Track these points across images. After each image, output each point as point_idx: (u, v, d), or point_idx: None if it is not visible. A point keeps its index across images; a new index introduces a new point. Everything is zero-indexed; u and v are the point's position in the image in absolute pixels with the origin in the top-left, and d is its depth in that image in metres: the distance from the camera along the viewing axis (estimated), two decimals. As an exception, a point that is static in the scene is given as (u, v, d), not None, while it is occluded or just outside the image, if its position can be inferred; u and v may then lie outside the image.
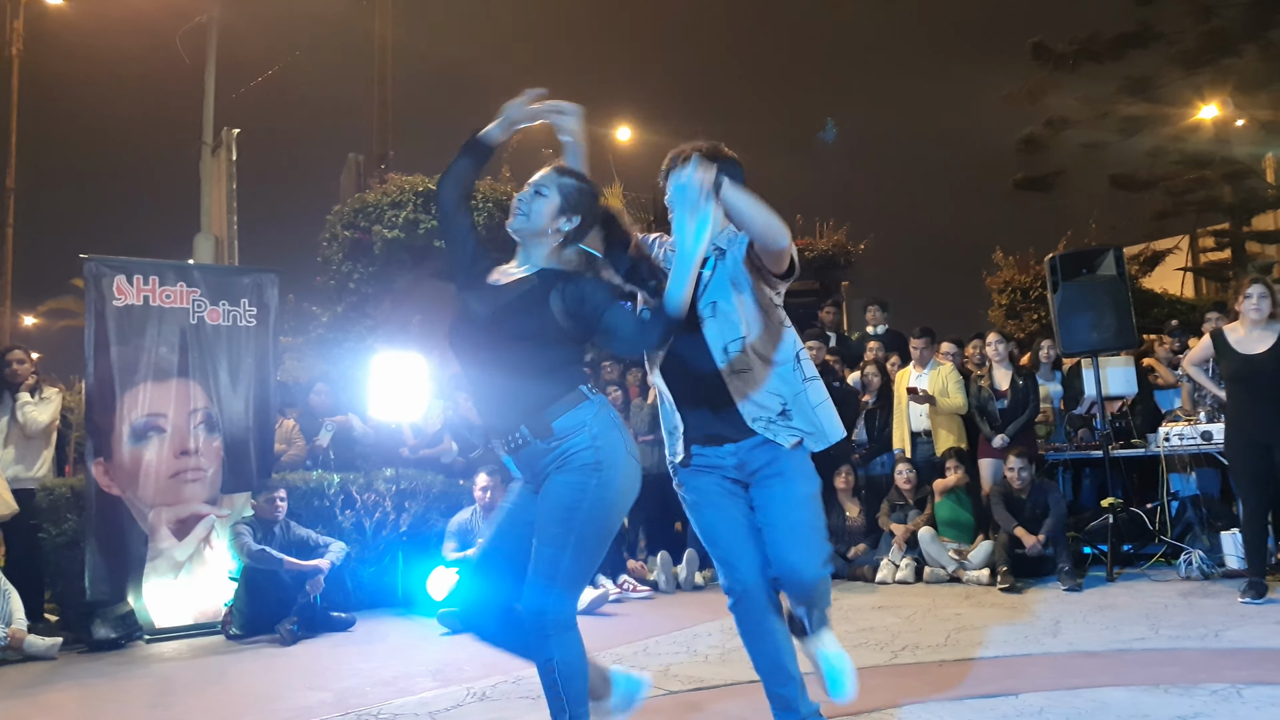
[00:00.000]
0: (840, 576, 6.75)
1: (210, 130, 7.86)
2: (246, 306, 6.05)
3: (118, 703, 3.94)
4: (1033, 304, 10.84)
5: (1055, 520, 6.18)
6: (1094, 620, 4.78)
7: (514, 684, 3.88)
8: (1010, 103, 17.78)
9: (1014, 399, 6.94)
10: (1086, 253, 6.94)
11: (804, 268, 9.32)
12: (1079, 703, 3.18)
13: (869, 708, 3.24)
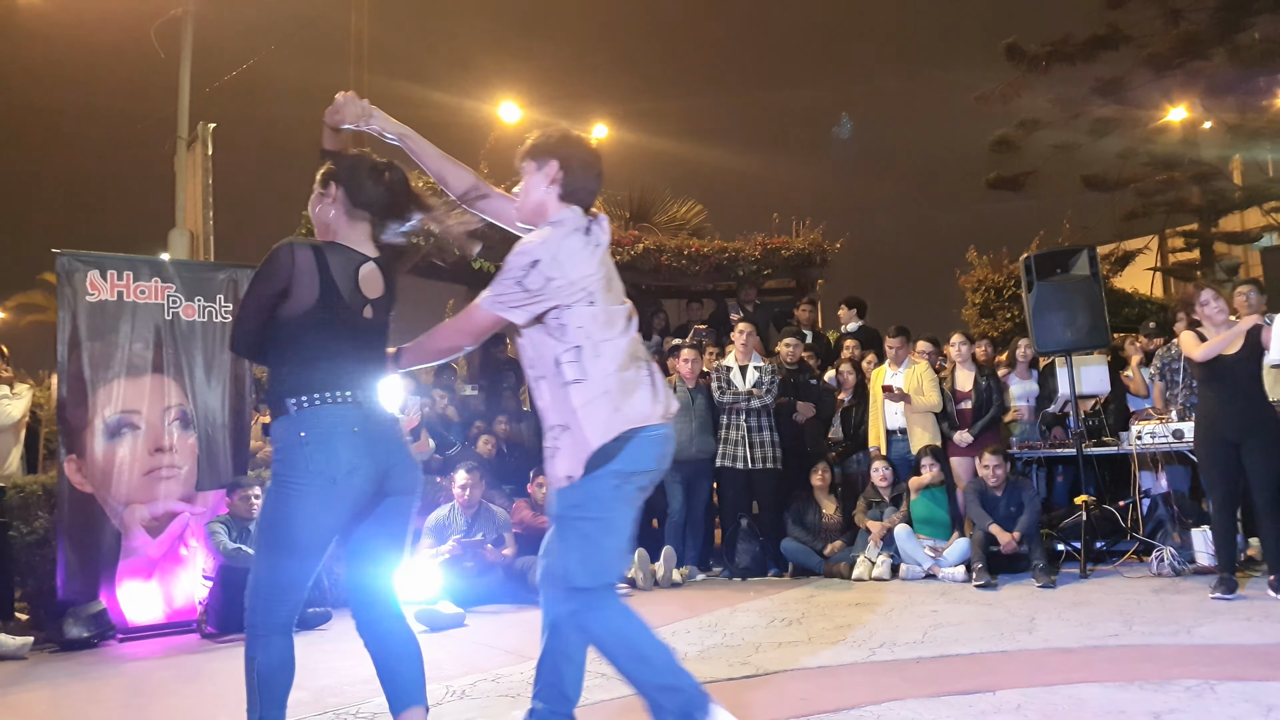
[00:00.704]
0: (817, 573, 6.81)
1: (185, 125, 7.75)
2: (222, 303, 5.98)
3: (90, 702, 3.90)
4: (1006, 303, 10.94)
5: (1030, 518, 6.26)
6: (1068, 616, 4.84)
7: (493, 682, 3.87)
8: (983, 104, 17.97)
9: (978, 399, 7.03)
10: (1061, 252, 7.03)
11: (780, 266, 9.32)
12: (1055, 699, 3.22)
13: (848, 705, 3.27)
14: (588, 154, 2.83)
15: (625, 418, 2.65)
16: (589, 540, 2.66)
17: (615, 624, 2.70)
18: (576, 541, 2.66)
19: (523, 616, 5.64)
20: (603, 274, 2.74)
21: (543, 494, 6.72)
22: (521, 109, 18.60)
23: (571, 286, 2.64)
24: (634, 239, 10.08)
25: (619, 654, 2.69)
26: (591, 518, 2.64)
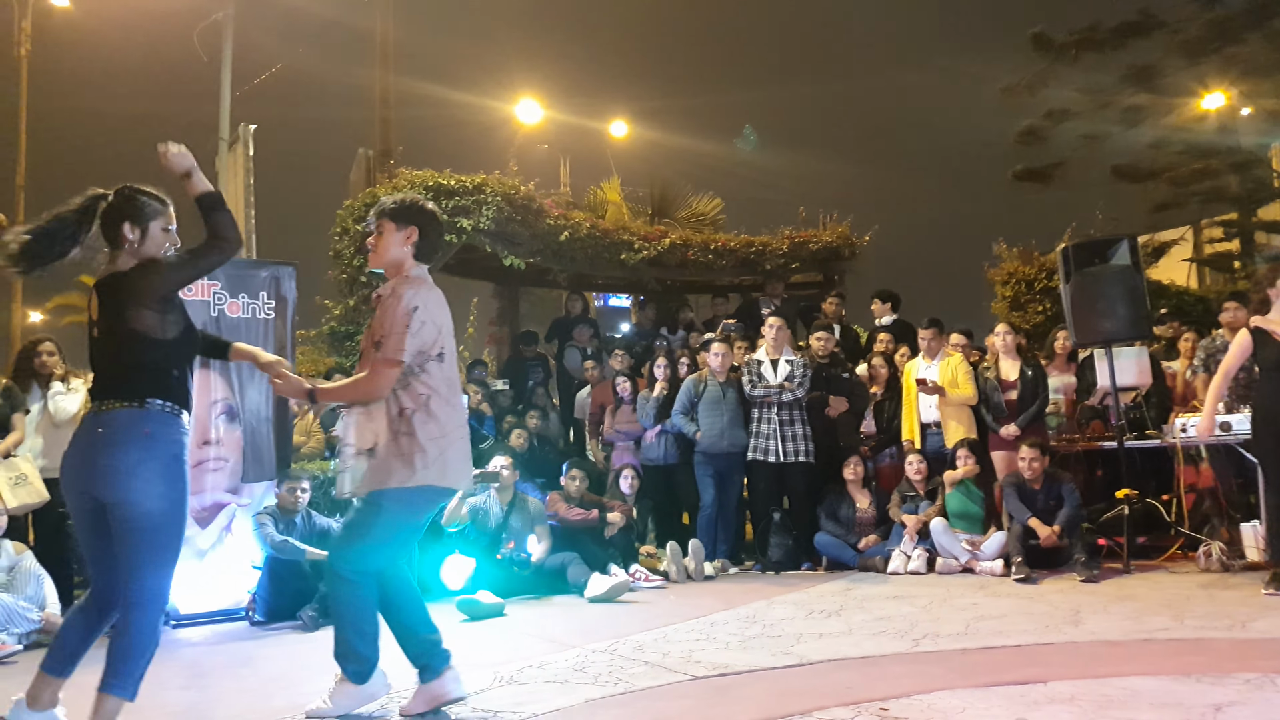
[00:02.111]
0: (850, 568, 6.81)
1: (227, 126, 7.85)
2: (265, 299, 6.08)
3: (152, 684, 3.95)
4: (1037, 295, 10.84)
5: (1070, 511, 6.22)
6: (1114, 610, 4.82)
7: (540, 669, 3.93)
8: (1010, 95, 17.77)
9: (1023, 390, 6.98)
10: (1100, 242, 6.96)
11: (807, 260, 9.33)
12: (1109, 691, 3.21)
13: (895, 694, 3.29)
14: (439, 224, 3.47)
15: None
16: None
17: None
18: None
19: (560, 607, 5.70)
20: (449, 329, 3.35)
21: (576, 487, 6.78)
22: (541, 107, 18.69)
23: (439, 335, 3.25)
24: (660, 234, 10.10)
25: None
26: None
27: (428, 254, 3.38)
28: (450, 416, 3.24)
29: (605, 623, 5.06)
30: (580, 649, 4.32)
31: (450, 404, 3.25)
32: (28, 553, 5.16)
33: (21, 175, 17.45)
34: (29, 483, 5.39)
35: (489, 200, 8.52)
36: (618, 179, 11.72)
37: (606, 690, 3.53)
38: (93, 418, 2.99)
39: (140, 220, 3.10)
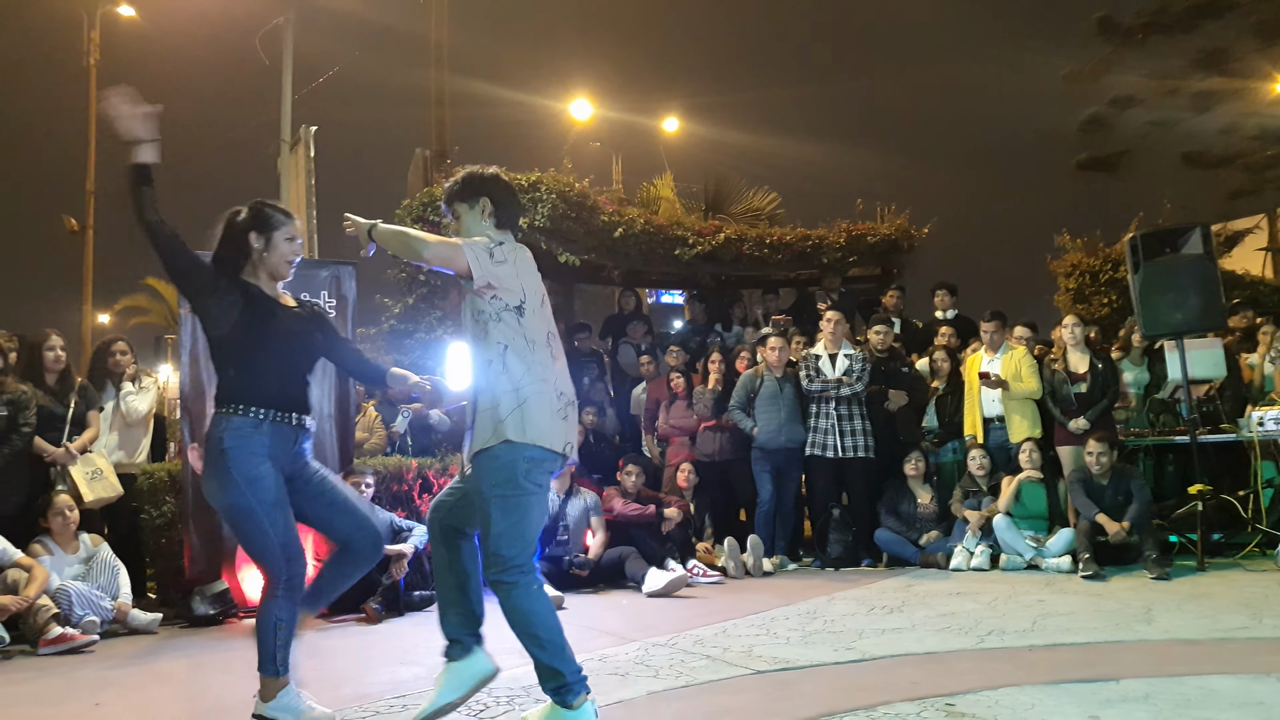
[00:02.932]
0: (911, 564, 6.72)
1: (288, 128, 8.02)
2: (326, 298, 6.19)
3: (223, 671, 4.11)
4: (1102, 287, 10.56)
5: (1140, 507, 6.06)
6: (1188, 609, 4.69)
7: (600, 661, 3.94)
8: (1073, 82, 17.34)
9: (1093, 383, 6.81)
10: (1170, 231, 6.76)
11: (865, 253, 9.23)
12: (1186, 690, 3.13)
13: (961, 689, 3.23)
14: (508, 186, 3.29)
15: None
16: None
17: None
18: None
19: (618, 601, 5.72)
20: None
21: (632, 482, 6.79)
22: (593, 105, 18.75)
23: (520, 285, 3.13)
24: (715, 229, 10.06)
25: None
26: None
27: (509, 220, 3.20)
28: (526, 373, 2.98)
29: (664, 617, 5.07)
30: (640, 643, 4.33)
31: (527, 362, 2.99)
32: (104, 544, 5.34)
33: (91, 181, 18.07)
34: (104, 477, 5.59)
35: (544, 198, 8.56)
36: (670, 175, 11.69)
37: (668, 683, 3.53)
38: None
39: (265, 230, 3.21)
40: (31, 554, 4.99)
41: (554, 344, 3.13)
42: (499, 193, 3.20)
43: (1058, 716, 2.88)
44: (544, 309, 3.15)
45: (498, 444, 2.94)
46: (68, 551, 5.18)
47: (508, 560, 2.92)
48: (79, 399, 5.71)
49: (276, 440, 3.07)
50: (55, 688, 3.89)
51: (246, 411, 3.05)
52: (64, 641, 4.55)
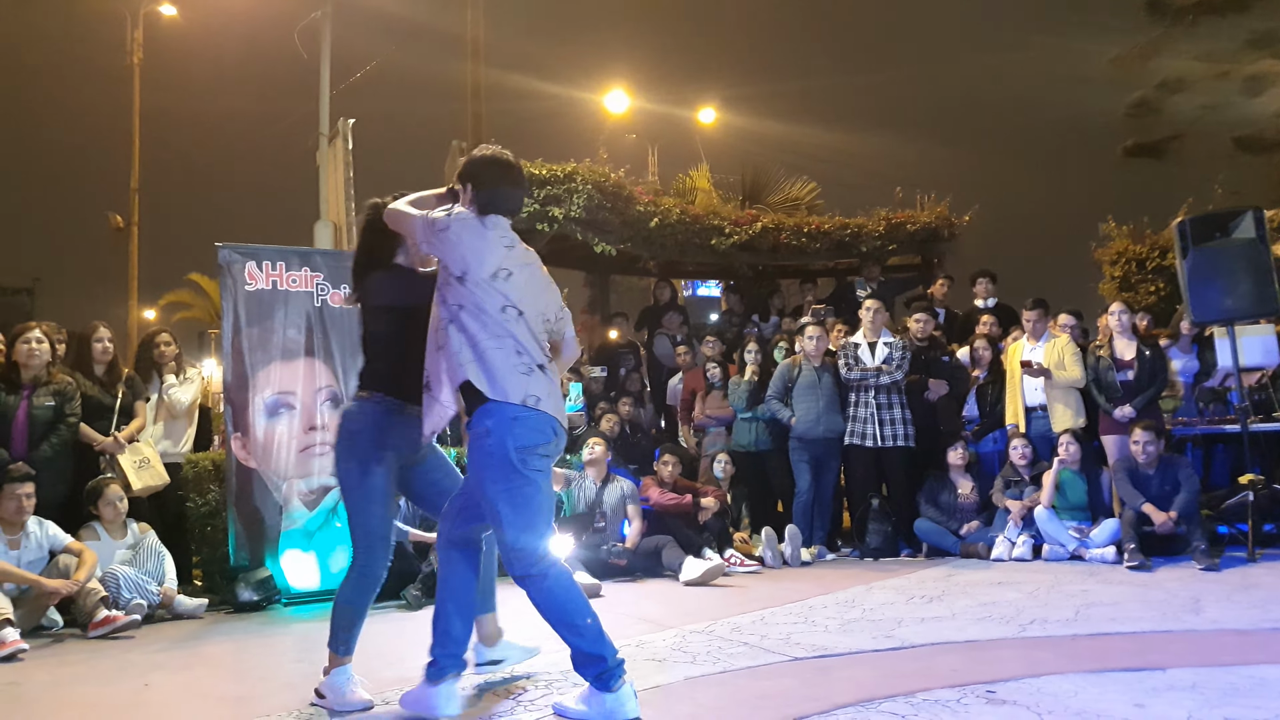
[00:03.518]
0: (952, 554, 6.65)
1: (326, 121, 8.12)
2: (366, 289, 6.25)
3: (268, 655, 4.19)
4: (1149, 275, 10.36)
5: (1188, 496, 5.93)
6: (1238, 599, 4.59)
7: (637, 648, 3.96)
8: (1120, 66, 16.98)
9: (1140, 370, 6.67)
10: (1220, 215, 6.60)
11: (905, 242, 9.13)
12: (1234, 679, 3.06)
13: (1002, 677, 3.20)
14: (495, 166, 3.26)
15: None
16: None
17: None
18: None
19: (655, 589, 5.73)
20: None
21: (669, 472, 6.79)
22: (629, 96, 18.73)
23: (465, 258, 3.22)
24: (751, 218, 10.00)
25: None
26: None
27: (491, 201, 3.16)
28: (481, 329, 3.04)
29: (701, 605, 5.07)
30: (678, 629, 4.33)
31: (481, 321, 3.04)
32: (151, 532, 5.46)
33: (135, 179, 18.44)
34: (151, 466, 5.71)
35: (579, 188, 8.58)
36: (706, 166, 11.65)
37: (705, 669, 3.53)
38: None
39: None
40: (81, 539, 5.12)
41: (509, 315, 3.07)
42: (481, 175, 3.20)
43: (1102, 704, 2.83)
44: (503, 282, 3.10)
45: (477, 419, 3.01)
46: (116, 538, 5.30)
47: (528, 553, 2.96)
48: (126, 390, 5.84)
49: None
50: (106, 669, 3.98)
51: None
52: (110, 623, 4.66)
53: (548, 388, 3.08)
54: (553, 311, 3.33)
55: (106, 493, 5.28)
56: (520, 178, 3.33)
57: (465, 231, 3.11)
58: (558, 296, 3.42)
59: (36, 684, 3.74)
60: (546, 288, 3.32)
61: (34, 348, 5.42)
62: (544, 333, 3.24)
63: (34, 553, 4.91)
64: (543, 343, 3.20)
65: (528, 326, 3.12)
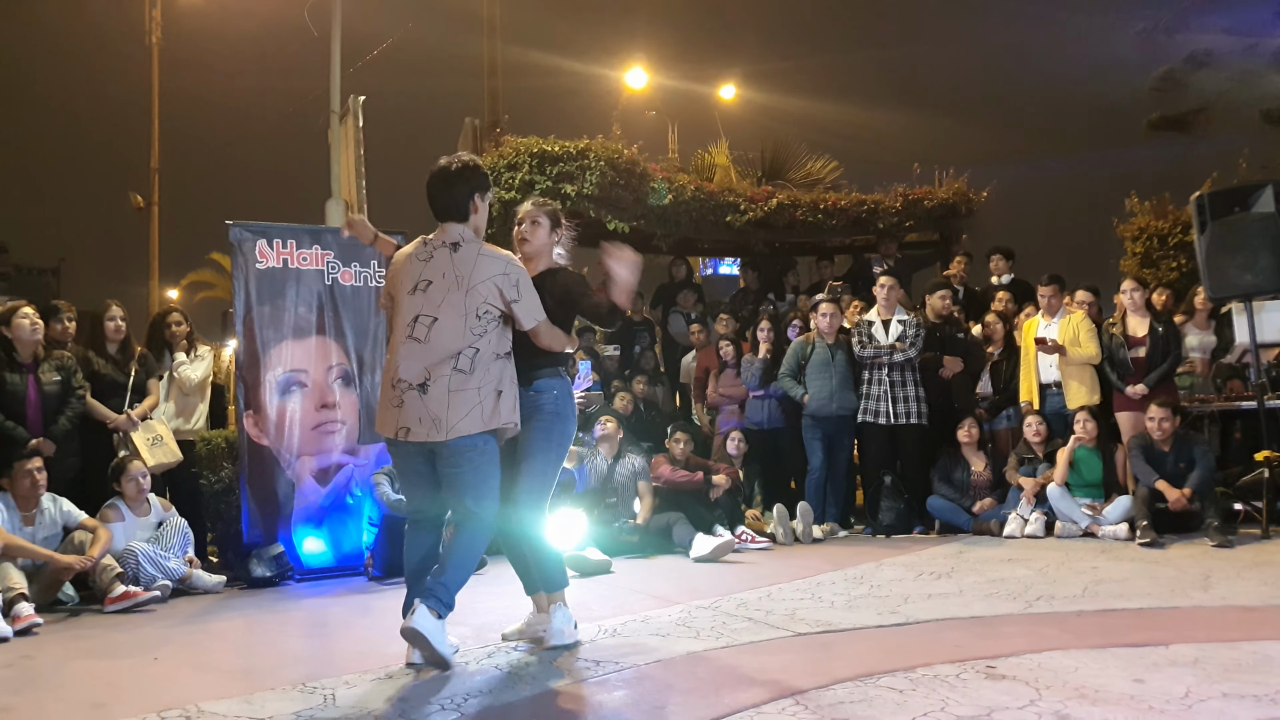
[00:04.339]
0: (964, 531, 6.63)
1: (338, 99, 8.12)
2: (375, 268, 6.27)
3: (279, 632, 4.25)
4: (1171, 251, 10.20)
5: (1203, 474, 5.88)
6: (1249, 576, 4.55)
7: (642, 623, 3.98)
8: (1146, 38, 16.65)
9: (1152, 348, 6.60)
10: (1240, 189, 6.49)
11: (922, 218, 9.04)
12: (1238, 655, 3.04)
13: (1004, 653, 3.19)
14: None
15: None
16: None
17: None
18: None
19: (665, 566, 5.75)
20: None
21: (680, 449, 6.79)
22: (648, 73, 18.59)
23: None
24: (767, 194, 9.91)
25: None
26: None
27: (434, 211, 3.62)
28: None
29: (710, 581, 5.08)
30: (684, 605, 4.35)
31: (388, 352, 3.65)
32: (174, 509, 5.52)
33: (155, 158, 18.56)
34: (165, 444, 5.77)
35: (592, 165, 8.54)
36: (725, 142, 11.53)
37: (708, 644, 3.55)
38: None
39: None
40: (104, 518, 5.18)
41: (416, 327, 3.42)
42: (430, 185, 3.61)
43: (1101, 680, 2.82)
44: (416, 296, 3.47)
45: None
46: (139, 515, 5.36)
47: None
48: (140, 367, 5.89)
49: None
50: (118, 643, 4.05)
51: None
52: (128, 599, 4.73)
53: (407, 412, 3.46)
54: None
55: (130, 469, 5.33)
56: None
57: (405, 250, 3.64)
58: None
59: (49, 657, 3.81)
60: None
61: (34, 322, 5.44)
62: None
63: (49, 529, 4.98)
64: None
65: (424, 332, 3.54)
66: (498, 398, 3.43)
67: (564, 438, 3.70)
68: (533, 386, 3.62)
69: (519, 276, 3.52)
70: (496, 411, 3.41)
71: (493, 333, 3.46)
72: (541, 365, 3.65)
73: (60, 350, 5.62)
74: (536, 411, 3.61)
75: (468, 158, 3.65)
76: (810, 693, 2.81)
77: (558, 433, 3.65)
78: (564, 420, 3.68)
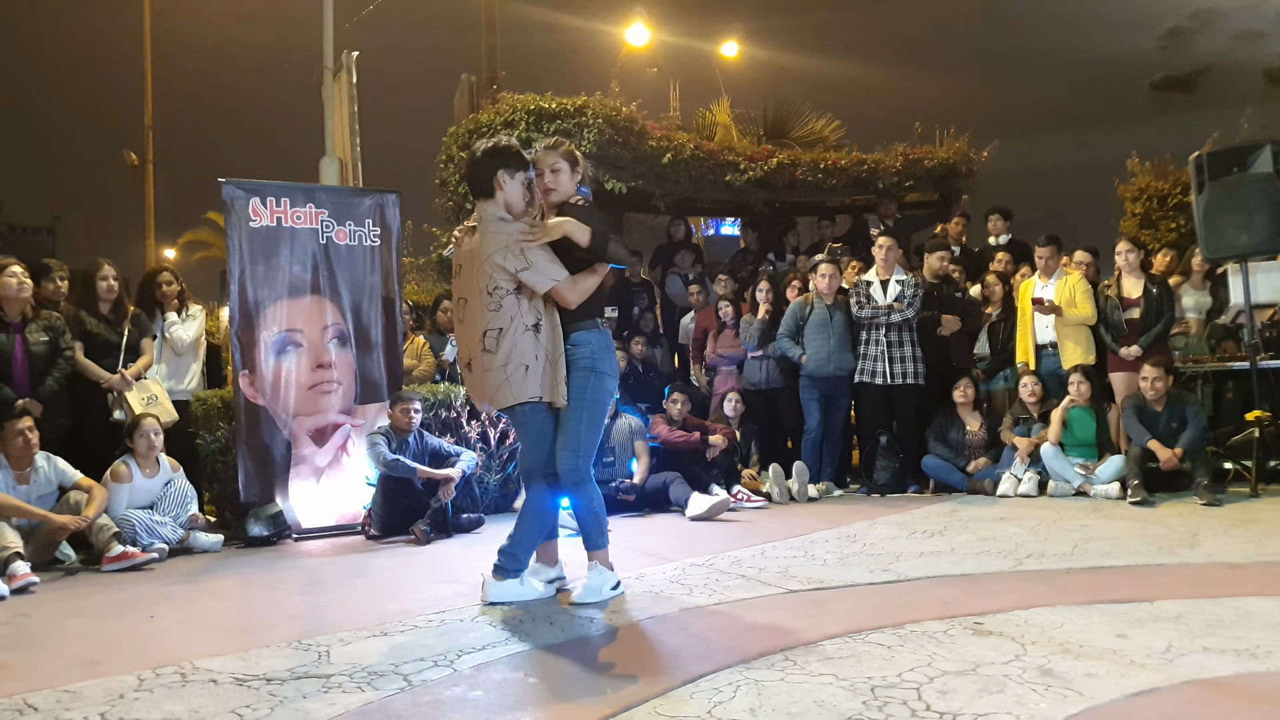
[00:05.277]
0: (959, 491, 6.67)
1: (330, 54, 8.01)
2: (370, 226, 6.24)
3: (275, 589, 4.28)
4: (1170, 212, 10.16)
5: (1195, 433, 5.91)
6: (1236, 534, 4.59)
7: (638, 579, 4.03)
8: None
9: (1146, 308, 6.60)
10: (1239, 149, 6.44)
11: (923, 178, 8.95)
12: (1220, 610, 3.08)
13: (993, 609, 3.23)
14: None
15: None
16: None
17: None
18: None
19: (661, 525, 5.80)
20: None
21: (678, 410, 6.81)
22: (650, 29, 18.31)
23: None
24: (767, 153, 9.83)
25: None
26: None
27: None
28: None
29: (705, 539, 5.13)
30: (678, 563, 4.40)
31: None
32: (181, 471, 5.54)
33: (149, 115, 18.35)
34: (160, 403, 5.77)
35: (590, 123, 8.46)
36: (727, 100, 11.40)
37: (701, 600, 3.59)
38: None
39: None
40: (115, 473, 5.21)
41: (457, 309, 3.77)
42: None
43: (1086, 635, 2.86)
44: (457, 280, 3.79)
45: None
46: (147, 473, 5.36)
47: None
48: (133, 327, 5.86)
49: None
50: (115, 601, 4.09)
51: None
52: (125, 559, 4.77)
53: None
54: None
55: (143, 424, 5.32)
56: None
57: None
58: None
59: (46, 615, 3.85)
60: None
61: (21, 281, 5.41)
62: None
63: (43, 488, 5.00)
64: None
65: (462, 314, 3.78)
66: (525, 372, 3.55)
67: (598, 392, 3.69)
68: (569, 340, 3.70)
69: (523, 245, 3.55)
70: (524, 386, 3.55)
71: (511, 307, 3.56)
72: (574, 319, 3.71)
73: (49, 310, 5.60)
74: (571, 369, 3.67)
75: (501, 139, 3.80)
76: (800, 648, 2.85)
77: (591, 388, 3.67)
78: (599, 375, 3.69)
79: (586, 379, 3.67)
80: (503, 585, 3.68)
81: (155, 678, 2.82)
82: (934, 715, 2.23)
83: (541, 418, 3.66)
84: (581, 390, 3.66)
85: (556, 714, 2.38)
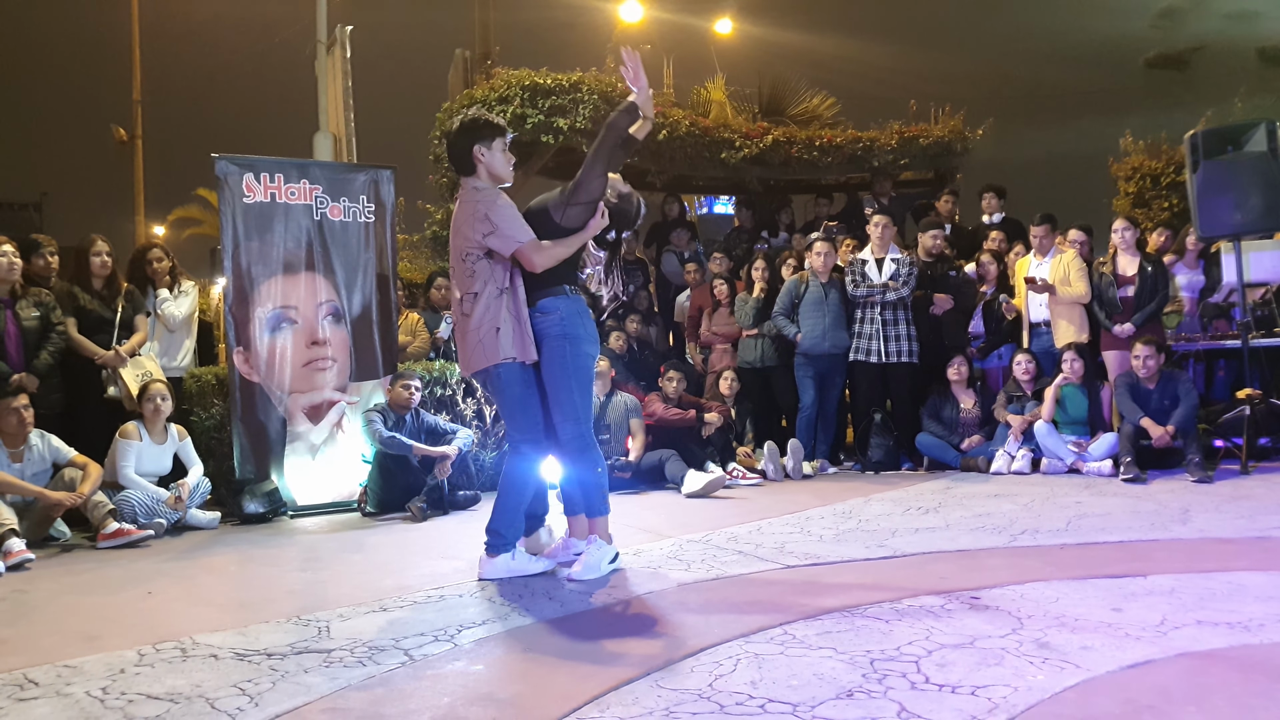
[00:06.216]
0: (953, 468, 6.71)
1: (324, 28, 7.93)
2: (365, 203, 6.20)
3: (272, 565, 4.29)
4: (1163, 191, 10.19)
5: (1186, 411, 5.95)
6: (1226, 510, 4.63)
7: (635, 556, 4.05)
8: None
9: (1141, 286, 6.62)
10: (1233, 128, 6.44)
11: (918, 156, 8.93)
12: (1213, 585, 3.11)
13: (988, 584, 3.25)
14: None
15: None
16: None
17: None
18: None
19: (657, 502, 5.82)
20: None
21: (673, 388, 6.82)
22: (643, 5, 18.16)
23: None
24: (763, 131, 9.79)
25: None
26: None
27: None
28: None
29: (701, 516, 5.15)
30: (675, 539, 4.42)
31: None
32: (188, 439, 5.55)
33: (138, 90, 18.15)
34: (154, 379, 5.75)
35: (585, 99, 8.41)
36: (722, 77, 11.32)
37: (698, 575, 3.61)
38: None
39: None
40: (125, 431, 5.23)
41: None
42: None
43: (1080, 609, 2.89)
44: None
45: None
46: (156, 440, 5.37)
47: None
48: (126, 304, 5.84)
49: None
50: (112, 577, 4.10)
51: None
52: (121, 535, 4.77)
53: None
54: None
55: (150, 389, 5.34)
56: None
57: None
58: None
59: (42, 592, 3.85)
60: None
61: (12, 260, 5.38)
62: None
63: (38, 465, 4.99)
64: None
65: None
66: (496, 334, 3.58)
67: (577, 357, 3.67)
68: (536, 308, 3.68)
69: (487, 209, 3.58)
70: (496, 346, 3.58)
71: (484, 272, 3.60)
72: (541, 285, 3.69)
73: (40, 287, 5.57)
74: (544, 338, 3.67)
75: (470, 113, 3.79)
76: (799, 622, 2.87)
77: (569, 354, 3.66)
78: (574, 340, 3.66)
79: (562, 346, 3.65)
80: (494, 562, 3.69)
81: (155, 653, 2.83)
82: (933, 687, 2.25)
83: (518, 381, 3.64)
84: (562, 359, 3.65)
85: (558, 688, 2.39)
